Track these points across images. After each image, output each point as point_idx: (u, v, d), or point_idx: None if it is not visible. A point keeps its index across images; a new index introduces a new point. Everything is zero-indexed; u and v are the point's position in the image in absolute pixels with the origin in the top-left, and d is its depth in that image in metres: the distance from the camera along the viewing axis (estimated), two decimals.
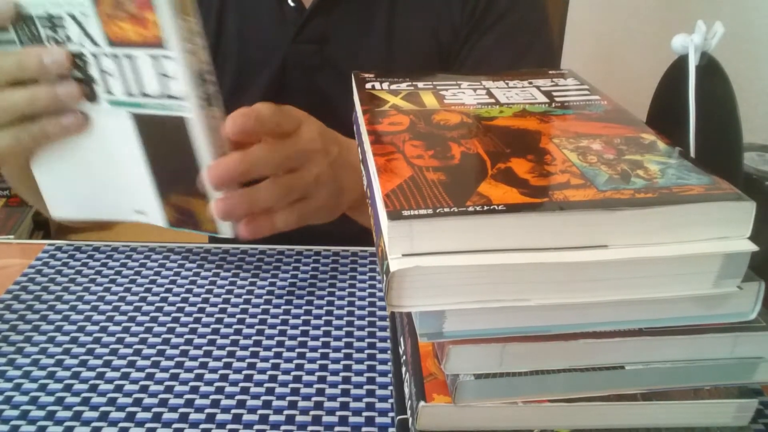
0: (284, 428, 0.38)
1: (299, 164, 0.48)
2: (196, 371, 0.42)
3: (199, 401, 0.39)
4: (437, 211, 0.28)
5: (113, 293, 0.49)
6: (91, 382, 0.41)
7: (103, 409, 0.39)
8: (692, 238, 0.29)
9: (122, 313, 0.47)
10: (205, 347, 0.44)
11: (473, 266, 0.28)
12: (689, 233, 0.29)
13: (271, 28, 0.66)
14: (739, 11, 1.38)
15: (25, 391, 0.40)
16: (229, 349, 0.44)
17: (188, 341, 0.44)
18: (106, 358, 0.43)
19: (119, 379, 0.41)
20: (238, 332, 0.45)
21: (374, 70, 0.49)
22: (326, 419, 0.38)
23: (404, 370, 0.37)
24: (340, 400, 0.40)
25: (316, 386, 0.41)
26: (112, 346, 0.44)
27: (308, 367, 0.42)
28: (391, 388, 0.41)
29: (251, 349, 0.44)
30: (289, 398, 0.40)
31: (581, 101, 0.42)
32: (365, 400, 0.40)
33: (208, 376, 0.41)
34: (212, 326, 0.46)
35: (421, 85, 0.45)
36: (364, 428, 0.38)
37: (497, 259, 0.28)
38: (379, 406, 0.39)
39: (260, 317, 0.47)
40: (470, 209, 0.28)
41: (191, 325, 0.46)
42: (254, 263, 0.54)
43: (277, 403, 0.39)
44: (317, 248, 0.56)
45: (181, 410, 0.39)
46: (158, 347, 0.44)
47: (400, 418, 0.36)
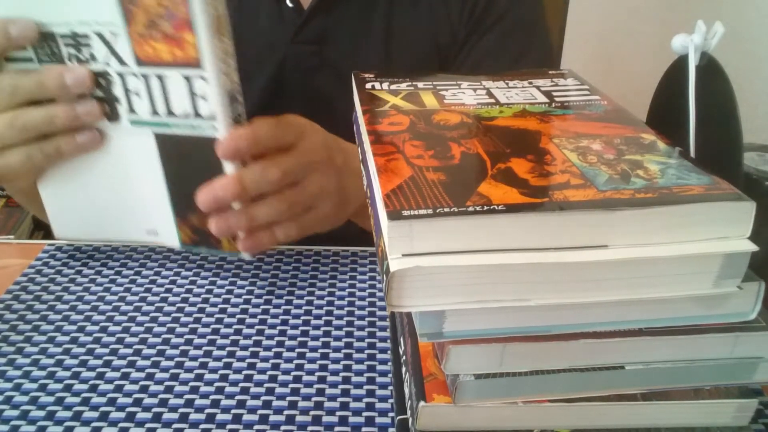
0: (284, 428, 0.38)
1: (302, 176, 0.47)
2: (196, 371, 0.42)
3: (199, 401, 0.39)
4: (437, 211, 0.28)
5: (113, 293, 0.49)
6: (91, 382, 0.41)
7: (103, 409, 0.39)
8: (692, 238, 0.29)
9: (122, 313, 0.47)
10: (205, 347, 0.44)
11: (473, 266, 0.28)
12: (689, 233, 0.29)
13: (269, 28, 0.65)
14: (739, 11, 1.38)
15: (25, 391, 0.40)
16: (229, 349, 0.44)
17: (188, 341, 0.44)
18: (106, 358, 0.43)
19: (119, 379, 0.41)
20: (238, 332, 0.45)
21: (374, 70, 0.48)
22: (326, 419, 0.38)
23: (404, 370, 0.37)
24: (340, 400, 0.40)
25: (316, 386, 0.41)
26: (112, 346, 0.44)
27: (308, 367, 0.42)
28: (391, 388, 0.41)
29: (251, 349, 0.44)
30: (289, 398, 0.40)
31: (581, 101, 0.42)
32: (365, 400, 0.40)
33: (208, 376, 0.41)
34: (212, 326, 0.46)
35: (421, 85, 0.45)
36: (364, 428, 0.38)
37: (497, 259, 0.28)
38: (379, 406, 0.39)
39: (260, 317, 0.47)
40: (470, 209, 0.28)
41: (191, 325, 0.46)
42: (254, 263, 0.54)
43: (277, 403, 0.39)
44: (317, 248, 0.56)
45: (181, 410, 0.39)
46: (158, 347, 0.44)
47: (400, 418, 0.36)
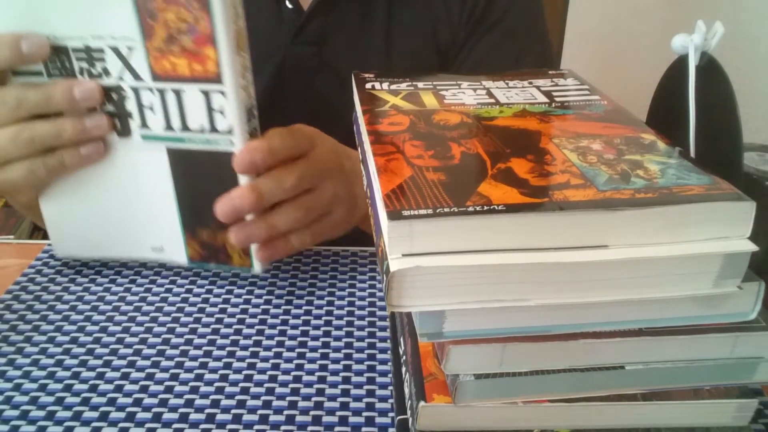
0: (284, 428, 0.38)
1: (316, 183, 0.48)
2: (196, 371, 0.42)
3: (199, 401, 0.39)
4: (437, 211, 0.28)
5: (113, 293, 0.49)
6: (91, 382, 0.41)
7: (103, 409, 0.39)
8: (692, 238, 0.29)
9: (122, 313, 0.47)
10: (205, 347, 0.44)
11: (473, 266, 0.28)
12: (689, 233, 0.29)
13: (268, 29, 0.65)
14: (739, 11, 1.38)
15: (25, 391, 0.40)
16: (229, 349, 0.44)
17: (188, 341, 0.44)
18: (106, 358, 0.43)
19: (119, 379, 0.41)
20: (238, 332, 0.45)
21: (374, 70, 0.49)
22: (326, 419, 0.38)
23: (404, 370, 0.37)
24: (340, 400, 0.40)
25: (316, 386, 0.41)
26: (112, 346, 0.44)
27: (308, 367, 0.42)
28: (391, 388, 0.41)
29: (251, 349, 0.44)
30: (289, 398, 0.40)
31: (581, 101, 0.42)
32: (365, 400, 0.40)
33: (208, 376, 0.41)
34: (212, 326, 0.46)
35: (421, 85, 0.45)
36: (364, 428, 0.38)
37: (497, 259, 0.28)
38: (379, 406, 0.39)
39: (260, 317, 0.47)
40: (470, 209, 0.28)
41: (191, 325, 0.46)
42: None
43: (277, 403, 0.39)
44: (317, 248, 0.56)
45: (181, 410, 0.39)
46: (158, 347, 0.44)
47: (400, 418, 0.36)
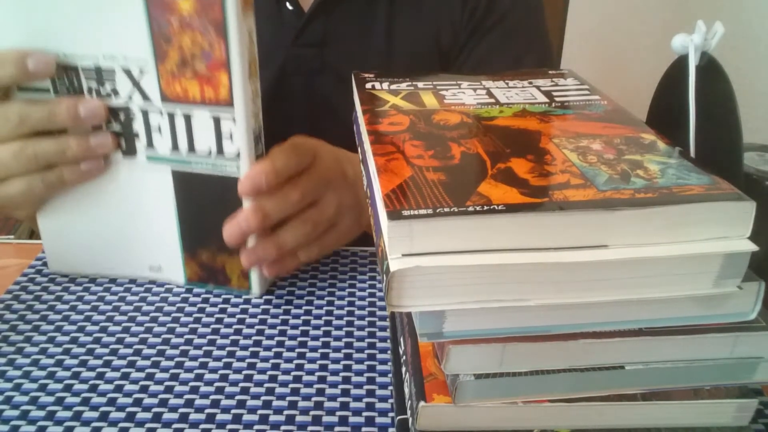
0: (284, 428, 0.38)
1: (320, 195, 0.48)
2: (196, 371, 0.42)
3: (199, 401, 0.39)
4: (437, 211, 0.28)
5: (113, 293, 0.49)
6: (91, 382, 0.41)
7: (103, 409, 0.39)
8: (692, 238, 0.29)
9: (122, 313, 0.47)
10: (205, 347, 0.44)
11: (473, 266, 0.28)
12: (689, 233, 0.29)
13: (269, 31, 0.65)
14: (739, 11, 1.38)
15: (25, 391, 0.40)
16: (229, 349, 0.44)
17: (188, 341, 0.44)
18: (105, 358, 0.43)
19: (119, 379, 0.41)
20: (238, 332, 0.45)
21: (374, 70, 0.49)
22: (326, 419, 0.38)
23: (404, 370, 0.37)
24: (340, 400, 0.40)
25: (316, 386, 0.41)
26: (111, 346, 0.44)
27: (308, 367, 0.42)
28: (391, 388, 0.41)
29: (251, 349, 0.44)
30: (289, 398, 0.40)
31: (581, 101, 0.42)
32: (365, 400, 0.40)
33: (208, 376, 0.41)
34: (212, 326, 0.46)
35: (421, 85, 0.45)
36: (364, 428, 0.38)
37: (497, 259, 0.28)
38: (379, 406, 0.39)
39: (260, 317, 0.47)
40: (470, 209, 0.28)
41: (191, 324, 0.46)
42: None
43: (277, 403, 0.39)
44: None
45: (181, 410, 0.39)
46: (158, 347, 0.44)
47: (400, 418, 0.36)
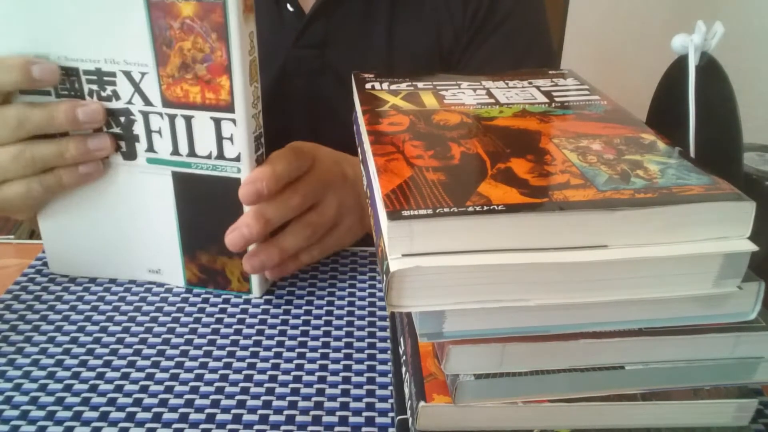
0: (284, 428, 0.38)
1: (320, 198, 0.48)
2: (196, 371, 0.42)
3: (199, 401, 0.39)
4: (437, 211, 0.28)
5: (113, 293, 0.49)
6: (91, 382, 0.41)
7: (103, 409, 0.39)
8: (692, 238, 0.29)
9: (122, 313, 0.47)
10: (205, 347, 0.44)
11: (473, 266, 0.28)
12: (689, 233, 0.29)
13: (270, 33, 0.65)
14: (739, 11, 1.38)
15: (25, 391, 0.40)
16: (229, 349, 0.44)
17: (188, 341, 0.44)
18: (106, 358, 0.43)
19: (119, 379, 0.41)
20: (238, 332, 0.45)
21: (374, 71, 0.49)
22: (326, 419, 0.38)
23: (404, 370, 0.37)
24: (340, 400, 0.40)
25: (316, 386, 0.41)
26: (111, 346, 0.44)
27: (308, 367, 0.42)
28: (391, 388, 0.41)
29: (251, 349, 0.44)
30: (289, 398, 0.40)
31: (581, 101, 0.42)
32: (365, 400, 0.40)
33: (208, 376, 0.41)
34: (212, 326, 0.46)
35: (421, 85, 0.45)
36: (364, 428, 0.38)
37: (497, 259, 0.28)
38: (379, 406, 0.39)
39: (260, 317, 0.47)
40: (470, 209, 0.28)
41: (191, 324, 0.46)
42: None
43: (277, 403, 0.39)
44: None
45: (181, 410, 0.39)
46: (158, 347, 0.44)
47: (400, 418, 0.36)
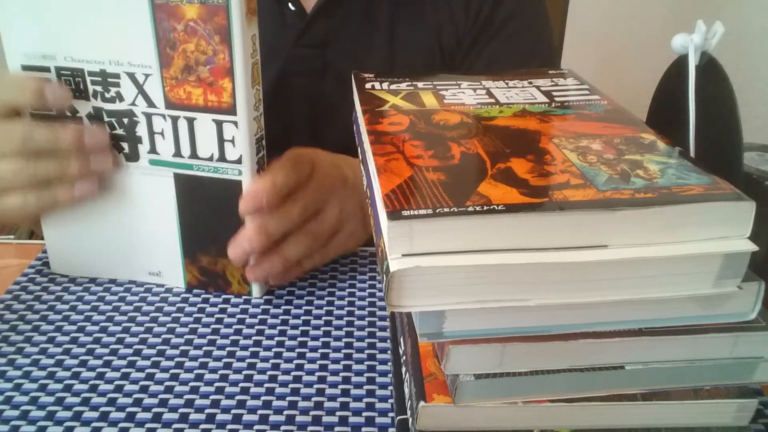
0: (284, 428, 0.38)
1: (320, 206, 0.48)
2: (196, 371, 0.42)
3: (199, 401, 0.39)
4: (437, 211, 0.28)
5: (113, 293, 0.49)
6: (91, 382, 0.41)
7: (103, 409, 0.39)
8: (692, 238, 0.29)
9: (122, 313, 0.47)
10: (205, 347, 0.44)
11: (473, 266, 0.28)
12: (689, 233, 0.29)
13: (271, 32, 0.65)
14: (739, 11, 1.38)
15: (25, 391, 0.40)
16: (229, 349, 0.44)
17: (188, 341, 0.44)
18: (106, 358, 0.43)
19: (119, 379, 0.41)
20: (238, 332, 0.45)
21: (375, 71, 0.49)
22: (326, 419, 0.38)
23: (404, 370, 0.37)
24: (340, 400, 0.40)
25: (316, 386, 0.41)
26: (111, 346, 0.44)
27: (308, 367, 0.42)
28: (391, 388, 0.41)
29: (251, 349, 0.44)
30: (289, 398, 0.40)
31: (581, 101, 0.42)
32: (365, 400, 0.40)
33: (208, 376, 0.41)
34: (212, 326, 0.46)
35: (420, 85, 0.45)
36: (364, 428, 0.38)
37: (497, 259, 0.28)
38: (379, 406, 0.39)
39: (260, 317, 0.47)
40: (470, 209, 0.28)
41: (191, 325, 0.46)
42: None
43: (277, 403, 0.39)
44: None
45: (181, 410, 0.39)
46: (158, 347, 0.44)
47: (400, 418, 0.36)
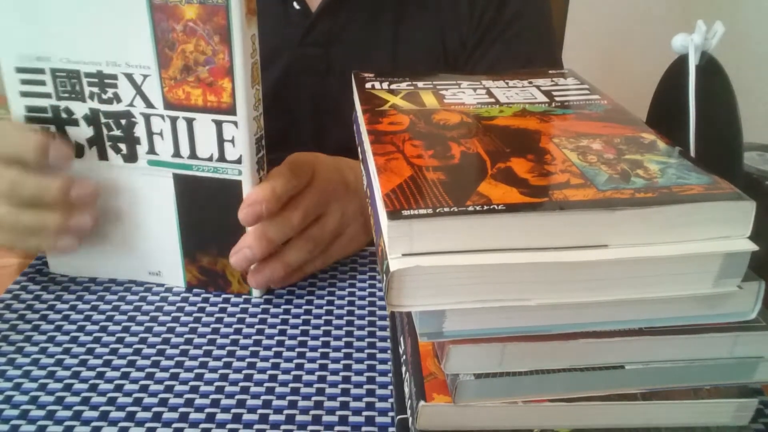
0: (284, 428, 0.38)
1: (321, 211, 0.48)
2: (196, 371, 0.42)
3: (199, 401, 0.39)
4: (437, 210, 0.28)
5: (113, 293, 0.49)
6: (91, 381, 0.41)
7: (103, 408, 0.39)
8: (692, 237, 0.29)
9: (122, 312, 0.47)
10: (205, 347, 0.44)
11: (473, 266, 0.28)
12: (689, 233, 0.29)
13: (275, 30, 0.65)
14: (739, 11, 1.38)
15: (25, 390, 0.40)
16: (229, 348, 0.44)
17: (188, 341, 0.44)
18: (105, 357, 0.43)
19: (119, 378, 0.41)
20: (238, 332, 0.45)
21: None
22: (326, 419, 0.38)
23: (404, 369, 0.37)
24: (340, 399, 0.40)
25: (316, 386, 0.41)
26: (111, 345, 0.44)
27: (308, 367, 0.42)
28: (391, 388, 0.41)
29: (251, 348, 0.44)
30: (289, 398, 0.40)
31: (581, 101, 0.42)
32: (365, 399, 0.40)
33: (208, 375, 0.41)
34: (212, 326, 0.46)
35: (420, 84, 0.45)
36: (364, 428, 0.38)
37: (497, 258, 0.28)
38: (379, 405, 0.39)
39: (260, 317, 0.47)
40: (470, 209, 0.28)
41: (191, 324, 0.46)
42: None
43: (277, 402, 0.39)
44: None
45: (181, 410, 0.39)
46: (158, 347, 0.44)
47: (400, 417, 0.36)
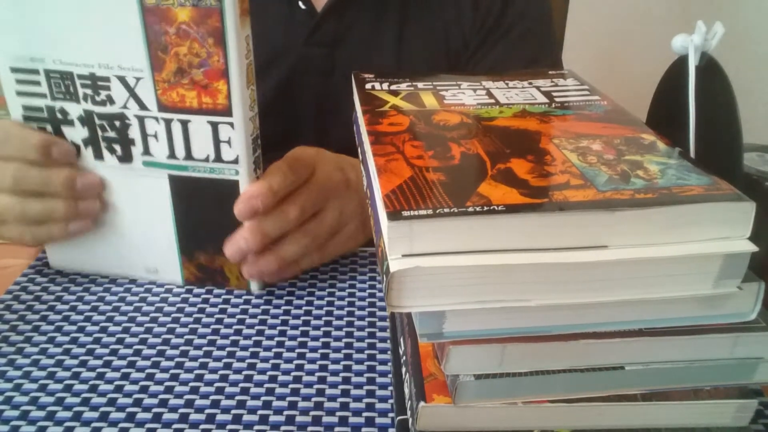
0: (284, 428, 0.38)
1: (319, 207, 0.48)
2: (196, 371, 0.42)
3: (199, 401, 0.39)
4: (437, 211, 0.28)
5: (113, 293, 0.49)
6: (91, 382, 0.41)
7: (103, 409, 0.39)
8: (692, 238, 0.29)
9: (122, 313, 0.47)
10: (205, 347, 0.44)
11: (473, 266, 0.28)
12: (689, 233, 0.29)
13: (281, 30, 0.65)
14: (739, 11, 1.38)
15: (25, 391, 0.40)
16: (229, 349, 0.44)
17: (188, 341, 0.44)
18: (105, 358, 0.43)
19: (119, 379, 0.41)
20: (238, 332, 0.45)
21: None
22: (326, 419, 0.38)
23: (404, 370, 0.37)
24: (340, 400, 0.40)
25: (316, 386, 0.41)
26: (111, 346, 0.44)
27: (308, 367, 0.42)
28: (391, 388, 0.41)
29: (251, 349, 0.44)
30: (289, 398, 0.40)
31: (581, 101, 0.42)
32: (365, 400, 0.40)
33: (208, 376, 0.41)
34: (212, 326, 0.46)
35: (421, 85, 0.45)
36: (364, 428, 0.38)
37: (497, 259, 0.28)
38: (379, 406, 0.39)
39: (260, 317, 0.47)
40: (470, 210, 0.28)
41: (191, 325, 0.46)
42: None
43: (277, 403, 0.39)
44: None
45: (181, 410, 0.39)
46: (158, 347, 0.44)
47: (400, 418, 0.36)
